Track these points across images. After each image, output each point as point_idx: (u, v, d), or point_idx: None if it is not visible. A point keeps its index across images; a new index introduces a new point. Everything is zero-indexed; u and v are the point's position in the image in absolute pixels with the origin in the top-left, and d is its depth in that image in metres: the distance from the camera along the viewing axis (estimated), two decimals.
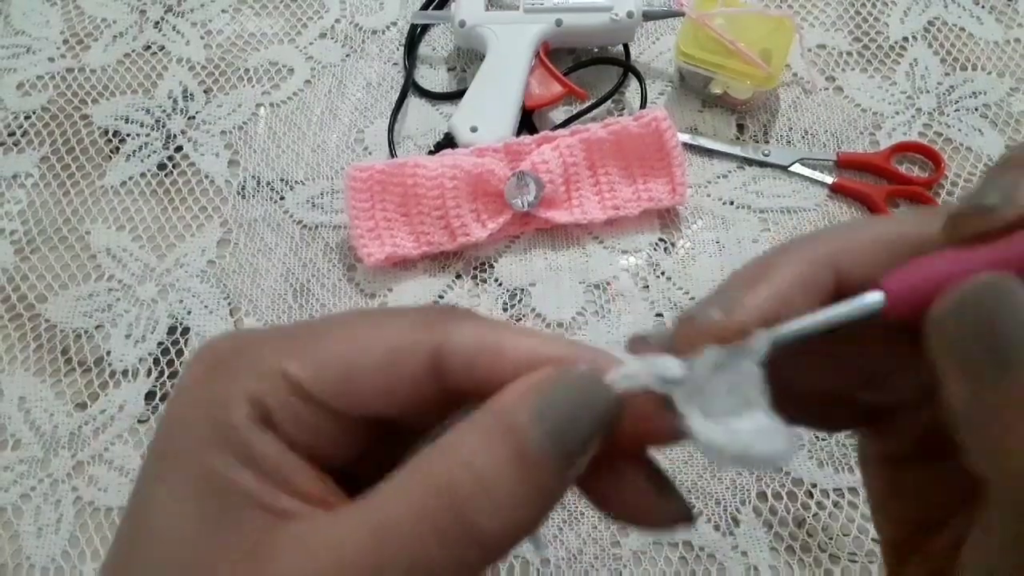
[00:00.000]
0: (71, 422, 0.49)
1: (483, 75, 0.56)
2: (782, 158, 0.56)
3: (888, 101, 0.59)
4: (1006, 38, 0.61)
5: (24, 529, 0.46)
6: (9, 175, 0.58)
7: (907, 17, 0.62)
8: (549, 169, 0.52)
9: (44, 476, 0.47)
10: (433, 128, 0.59)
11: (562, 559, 0.44)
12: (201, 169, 0.58)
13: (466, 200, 0.52)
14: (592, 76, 0.59)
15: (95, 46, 0.63)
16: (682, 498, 0.20)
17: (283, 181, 0.57)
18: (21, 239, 0.55)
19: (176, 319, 0.52)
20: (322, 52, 0.62)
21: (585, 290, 0.52)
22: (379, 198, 0.52)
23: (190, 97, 0.61)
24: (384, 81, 0.61)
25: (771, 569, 0.44)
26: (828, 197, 0.55)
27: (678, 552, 0.44)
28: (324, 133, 0.59)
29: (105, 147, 0.59)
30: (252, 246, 0.55)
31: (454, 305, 0.23)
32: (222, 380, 0.19)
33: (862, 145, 0.57)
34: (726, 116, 0.58)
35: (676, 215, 0.54)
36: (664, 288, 0.52)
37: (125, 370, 0.50)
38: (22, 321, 0.52)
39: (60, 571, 0.45)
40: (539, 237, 0.54)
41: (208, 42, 0.63)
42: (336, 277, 0.53)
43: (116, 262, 0.54)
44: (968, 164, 0.56)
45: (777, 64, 0.54)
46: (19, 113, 0.60)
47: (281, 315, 0.52)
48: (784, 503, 0.45)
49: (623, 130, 0.53)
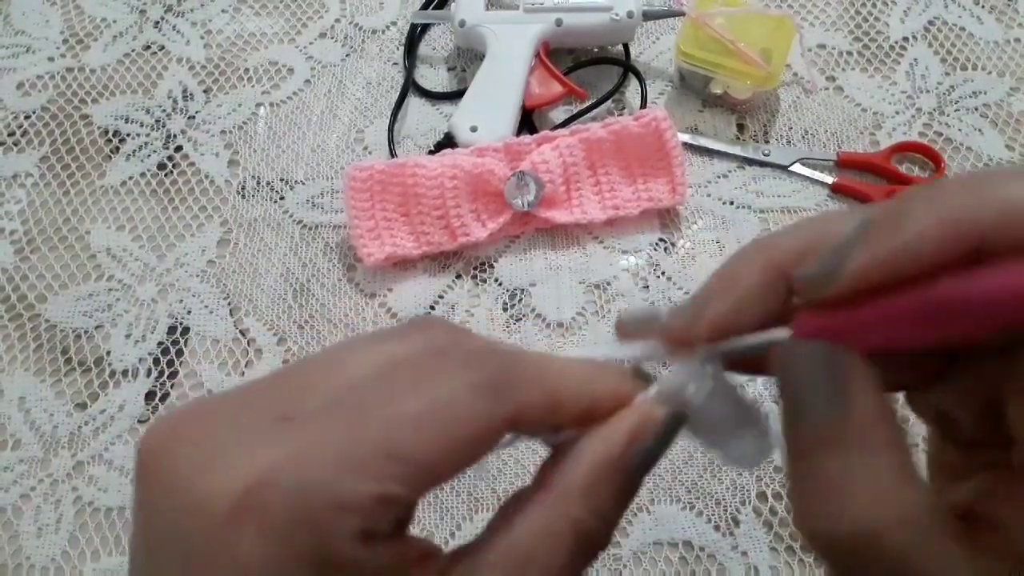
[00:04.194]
0: (71, 422, 0.49)
1: (483, 75, 0.56)
2: (782, 158, 0.56)
3: (888, 101, 0.59)
4: (1006, 38, 0.61)
5: (24, 529, 0.46)
6: (9, 175, 0.58)
7: (907, 17, 0.62)
8: (549, 169, 0.52)
9: (44, 476, 0.47)
10: (433, 128, 0.59)
11: None
12: (201, 169, 0.58)
13: (466, 200, 0.52)
14: (592, 76, 0.59)
15: (95, 46, 0.63)
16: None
17: (283, 181, 0.57)
18: (21, 239, 0.55)
19: (176, 319, 0.52)
20: (322, 52, 0.62)
21: (585, 290, 0.52)
22: (379, 198, 0.52)
23: (190, 97, 0.61)
24: (384, 81, 0.61)
25: (771, 569, 0.44)
26: (828, 197, 0.55)
27: (678, 552, 0.44)
28: (324, 133, 0.59)
29: (105, 147, 0.59)
30: (252, 246, 0.55)
31: (491, 343, 0.23)
32: (310, 524, 0.17)
33: (862, 145, 0.57)
34: (726, 116, 0.58)
35: (676, 215, 0.54)
36: (664, 288, 0.52)
37: (125, 370, 0.50)
38: (22, 321, 0.52)
39: (60, 571, 0.45)
40: (539, 237, 0.54)
41: (208, 42, 0.63)
42: (336, 277, 0.53)
43: (116, 262, 0.54)
44: (968, 164, 0.56)
45: (777, 64, 0.54)
46: (19, 113, 0.60)
47: (281, 315, 0.52)
48: (784, 503, 0.45)
49: (623, 130, 0.53)
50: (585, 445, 0.21)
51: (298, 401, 0.19)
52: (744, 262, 0.21)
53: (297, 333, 0.52)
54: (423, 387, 0.19)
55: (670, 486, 0.46)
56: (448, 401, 0.19)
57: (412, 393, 0.19)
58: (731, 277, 0.21)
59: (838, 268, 0.18)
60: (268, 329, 0.52)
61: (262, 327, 0.52)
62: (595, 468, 0.21)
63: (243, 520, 0.17)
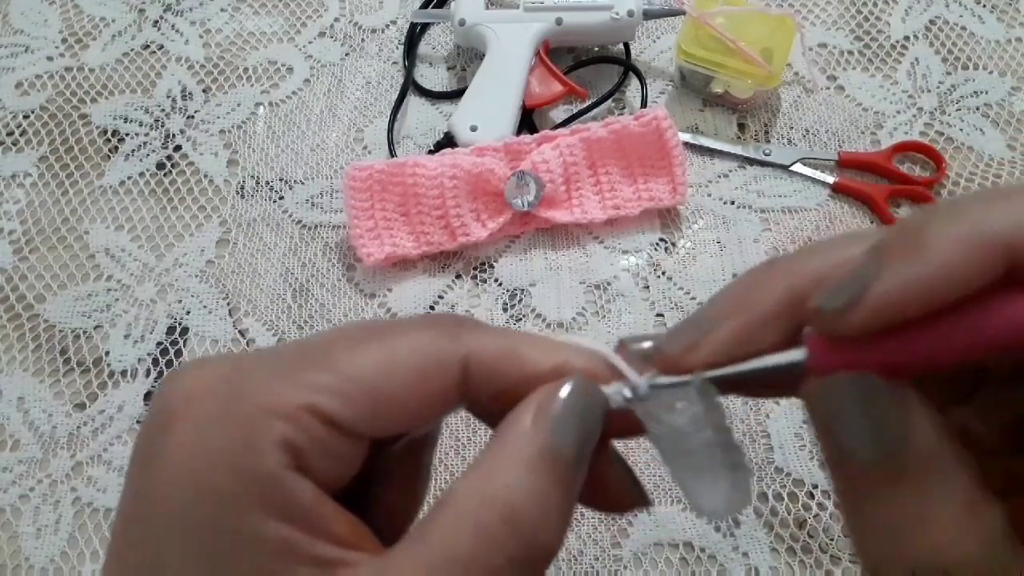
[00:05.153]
0: (70, 422, 0.49)
1: (483, 74, 0.56)
2: (783, 157, 0.56)
3: (889, 100, 0.58)
4: (1007, 37, 0.61)
5: (23, 530, 0.46)
6: (8, 175, 0.57)
7: (908, 16, 0.62)
8: (549, 168, 0.51)
9: (43, 477, 0.47)
10: (433, 127, 0.58)
11: (562, 560, 0.44)
12: (200, 168, 0.57)
13: (466, 200, 0.51)
14: (592, 75, 0.59)
15: (94, 45, 0.63)
16: (642, 485, 0.23)
17: (282, 180, 0.57)
18: (20, 239, 0.55)
19: (175, 319, 0.52)
20: (321, 51, 0.62)
21: (585, 290, 0.52)
22: (379, 198, 0.52)
23: (189, 96, 0.60)
24: (384, 80, 0.61)
25: (772, 570, 0.44)
26: (829, 197, 0.55)
27: (679, 553, 0.44)
28: (323, 132, 0.59)
29: (104, 146, 0.59)
30: (251, 246, 0.54)
31: (453, 313, 0.23)
32: (236, 423, 0.17)
33: (863, 144, 0.57)
34: (727, 115, 0.58)
35: (677, 215, 0.54)
36: (665, 288, 0.52)
37: (124, 370, 0.50)
38: (21, 321, 0.52)
39: (59, 572, 0.45)
40: (539, 237, 0.54)
41: (207, 41, 0.63)
42: (335, 277, 0.53)
43: (115, 262, 0.54)
44: (969, 164, 0.56)
45: (778, 63, 0.54)
46: (18, 112, 0.60)
47: (280, 315, 0.52)
48: (785, 504, 0.45)
49: (624, 129, 0.52)
50: (507, 419, 0.19)
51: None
52: (759, 286, 0.19)
53: (296, 333, 0.51)
54: (381, 328, 0.20)
55: (670, 486, 0.46)
56: (396, 332, 0.19)
57: (367, 331, 0.20)
58: (743, 301, 0.19)
59: (858, 299, 0.16)
60: (267, 329, 0.52)
61: (261, 327, 0.52)
62: (516, 446, 0.19)
63: (179, 417, 0.18)
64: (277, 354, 0.19)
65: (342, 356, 0.19)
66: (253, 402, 0.18)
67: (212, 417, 0.18)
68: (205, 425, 0.18)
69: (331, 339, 0.19)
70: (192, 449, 0.17)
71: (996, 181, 0.55)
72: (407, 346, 0.19)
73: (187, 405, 0.18)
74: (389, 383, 0.19)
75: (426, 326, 0.20)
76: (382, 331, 0.20)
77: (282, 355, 0.19)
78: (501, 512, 0.17)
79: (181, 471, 0.17)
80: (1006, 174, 0.55)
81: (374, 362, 0.19)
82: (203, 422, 0.18)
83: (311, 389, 0.18)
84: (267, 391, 0.18)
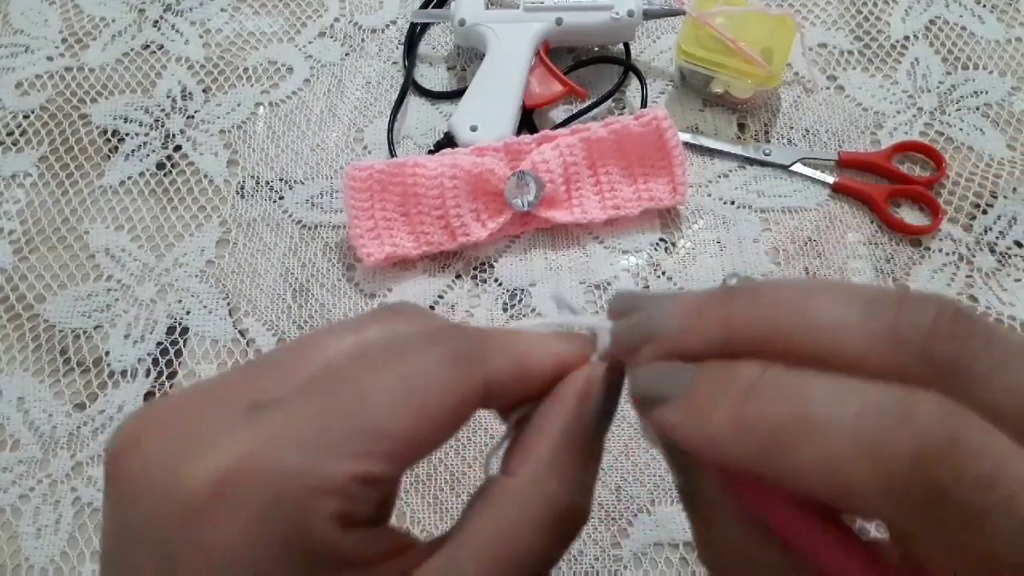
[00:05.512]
0: (70, 422, 0.49)
1: (483, 74, 0.56)
2: (783, 157, 0.56)
3: (889, 100, 0.58)
4: (1007, 37, 0.61)
5: (23, 530, 0.46)
6: (8, 175, 0.57)
7: (908, 16, 0.62)
8: (549, 168, 0.51)
9: (43, 477, 0.47)
10: (433, 127, 0.58)
11: (562, 560, 0.44)
12: (200, 168, 0.57)
13: (466, 200, 0.51)
14: (592, 75, 0.59)
15: (94, 45, 0.63)
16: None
17: (282, 180, 0.57)
18: (20, 239, 0.55)
19: (175, 319, 0.52)
20: (321, 51, 0.62)
21: (585, 290, 0.52)
22: (378, 198, 0.52)
23: (189, 96, 0.60)
24: (384, 80, 0.61)
25: None
26: (829, 197, 0.55)
27: (678, 553, 0.44)
28: (323, 132, 0.59)
29: (104, 146, 0.59)
30: (251, 246, 0.54)
31: (454, 324, 0.23)
32: (289, 511, 0.17)
33: (863, 144, 0.57)
34: (727, 115, 0.58)
35: (677, 215, 0.54)
36: (665, 288, 0.52)
37: (124, 370, 0.50)
38: (21, 321, 0.52)
39: (59, 572, 0.45)
40: (539, 237, 0.54)
41: (207, 41, 0.63)
42: (335, 277, 0.53)
43: (115, 262, 0.54)
44: (969, 164, 0.56)
45: (778, 63, 0.54)
46: (18, 112, 0.60)
47: (280, 315, 0.52)
48: None
49: (624, 129, 0.52)
50: (540, 418, 0.21)
51: (272, 387, 0.19)
52: (704, 321, 0.18)
53: (296, 333, 0.51)
54: (395, 364, 0.19)
55: (671, 486, 0.46)
56: (421, 374, 0.19)
57: (385, 370, 0.19)
58: (684, 328, 0.19)
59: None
60: (267, 329, 0.52)
61: (261, 327, 0.52)
62: (554, 438, 0.21)
63: (218, 508, 0.17)
64: (308, 419, 0.18)
65: (381, 411, 0.18)
66: (302, 485, 0.17)
67: (263, 511, 0.17)
68: (257, 514, 0.17)
69: (338, 379, 0.19)
70: (247, 543, 0.17)
71: (996, 181, 0.55)
72: (436, 388, 0.19)
73: (224, 497, 0.17)
74: (427, 428, 0.19)
75: (438, 353, 0.20)
76: (386, 358, 0.20)
77: (310, 416, 0.18)
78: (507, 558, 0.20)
79: (241, 566, 0.17)
80: (1006, 174, 0.55)
81: (410, 413, 0.19)
82: (252, 511, 0.17)
83: (357, 458, 0.18)
84: (314, 472, 0.17)
